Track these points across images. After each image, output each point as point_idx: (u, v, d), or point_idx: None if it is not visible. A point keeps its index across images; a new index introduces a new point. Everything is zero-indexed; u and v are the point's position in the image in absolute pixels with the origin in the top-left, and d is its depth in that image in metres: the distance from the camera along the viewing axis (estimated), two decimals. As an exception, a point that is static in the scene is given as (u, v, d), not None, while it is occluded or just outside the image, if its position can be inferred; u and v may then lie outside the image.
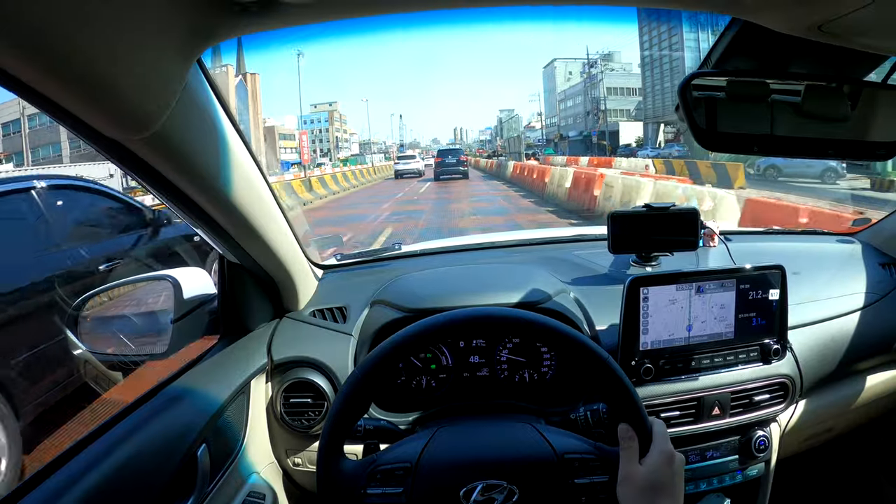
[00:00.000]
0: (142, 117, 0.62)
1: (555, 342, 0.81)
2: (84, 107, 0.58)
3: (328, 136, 78.34)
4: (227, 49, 46.40)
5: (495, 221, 10.45)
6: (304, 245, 1.24)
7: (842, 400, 1.34)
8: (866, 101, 0.80)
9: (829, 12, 0.61)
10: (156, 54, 0.59)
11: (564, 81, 64.06)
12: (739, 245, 1.47)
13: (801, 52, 0.79)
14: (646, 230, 1.34)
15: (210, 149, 0.80)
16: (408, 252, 1.61)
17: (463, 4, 0.63)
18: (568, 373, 1.21)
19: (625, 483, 0.74)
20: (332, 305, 1.31)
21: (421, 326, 0.81)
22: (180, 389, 1.01)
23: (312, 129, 76.10)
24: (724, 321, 1.14)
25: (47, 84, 0.53)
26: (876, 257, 1.49)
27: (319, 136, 78.02)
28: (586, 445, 0.82)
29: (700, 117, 0.78)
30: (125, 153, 0.69)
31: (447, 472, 0.79)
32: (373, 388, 0.79)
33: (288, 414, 1.17)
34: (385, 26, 0.79)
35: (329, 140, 77.41)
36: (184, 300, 1.15)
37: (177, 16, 0.57)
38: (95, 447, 0.83)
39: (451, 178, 23.18)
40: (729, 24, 0.79)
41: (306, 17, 0.63)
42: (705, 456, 1.19)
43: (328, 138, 78.13)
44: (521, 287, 1.26)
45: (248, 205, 0.93)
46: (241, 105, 45.24)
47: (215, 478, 0.99)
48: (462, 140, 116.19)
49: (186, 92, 0.67)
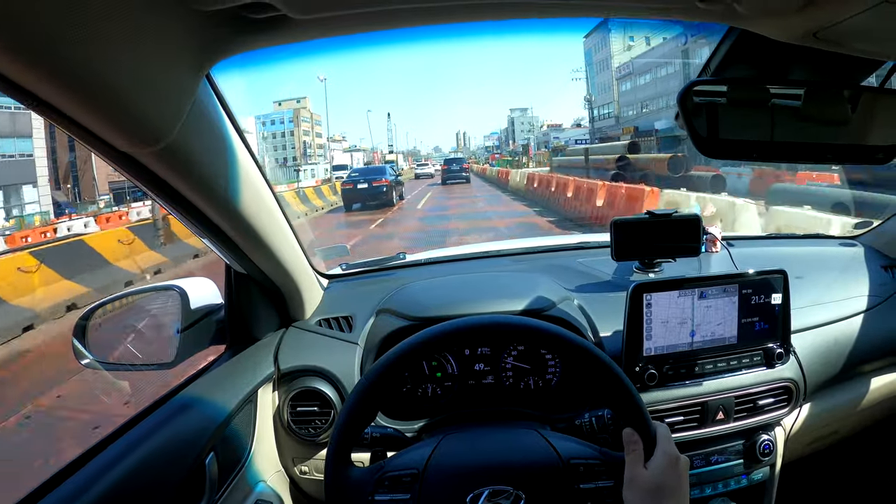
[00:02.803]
0: (153, 130, 0.64)
1: (559, 348, 0.81)
2: (97, 120, 0.59)
3: (296, 140, 55.30)
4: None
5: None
6: (309, 255, 1.26)
7: (846, 403, 1.34)
8: (865, 106, 0.81)
9: (824, 20, 0.63)
10: (168, 69, 0.61)
11: (623, 51, 40.12)
12: (741, 250, 1.48)
13: (799, 58, 0.80)
14: (648, 237, 1.35)
15: (219, 160, 0.82)
16: (412, 261, 1.62)
17: (466, 19, 0.65)
18: (572, 379, 1.21)
19: (630, 487, 0.74)
20: (338, 314, 1.32)
21: (427, 335, 0.82)
22: (189, 398, 1.02)
23: (273, 131, 55.44)
24: (727, 326, 1.15)
25: (62, 99, 0.55)
26: (878, 260, 1.50)
27: (283, 142, 55.31)
28: (591, 451, 0.83)
29: (701, 125, 0.79)
30: (136, 165, 0.70)
31: (454, 478, 0.80)
32: (380, 396, 0.80)
33: (295, 422, 1.18)
34: (388, 40, 0.80)
35: (296, 145, 55.02)
36: (191, 310, 1.16)
37: (189, 31, 0.59)
38: (106, 455, 0.84)
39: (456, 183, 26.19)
40: (727, 32, 0.81)
41: (315, 32, 0.65)
42: (710, 460, 1.19)
43: (296, 143, 55.14)
44: (526, 295, 1.26)
45: (255, 215, 0.95)
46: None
47: (223, 486, 1.00)
48: (465, 146, 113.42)
49: (196, 105, 0.69)
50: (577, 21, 0.71)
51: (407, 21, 0.66)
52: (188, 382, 1.08)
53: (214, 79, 0.76)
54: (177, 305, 1.18)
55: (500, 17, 0.66)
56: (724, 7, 0.62)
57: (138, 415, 0.96)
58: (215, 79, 0.76)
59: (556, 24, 0.70)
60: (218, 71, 0.73)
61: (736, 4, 0.61)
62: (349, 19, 0.64)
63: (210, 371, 1.13)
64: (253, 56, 0.69)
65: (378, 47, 1.13)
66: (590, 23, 3.93)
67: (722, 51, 0.82)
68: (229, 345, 1.22)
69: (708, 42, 19.25)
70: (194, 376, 1.12)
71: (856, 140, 0.84)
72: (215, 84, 0.77)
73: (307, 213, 15.99)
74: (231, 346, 1.21)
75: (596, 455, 0.82)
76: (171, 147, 0.67)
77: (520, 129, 75.28)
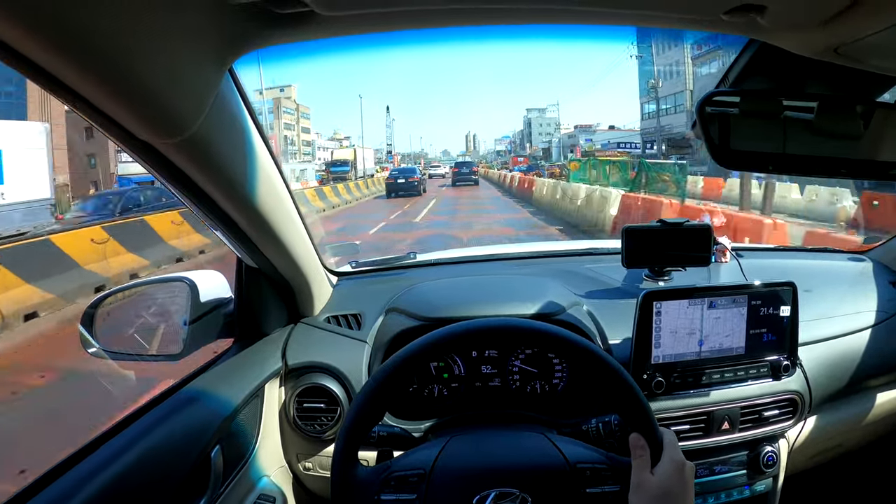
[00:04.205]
0: (176, 122, 0.65)
1: (568, 352, 0.82)
2: (120, 109, 0.60)
3: (276, 132, 47.07)
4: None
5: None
6: (320, 252, 1.26)
7: (851, 417, 1.34)
8: (879, 122, 0.82)
9: (846, 36, 0.63)
10: (195, 61, 0.61)
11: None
12: (751, 261, 1.48)
13: (816, 72, 0.80)
14: (659, 245, 1.35)
15: (238, 155, 0.82)
16: (422, 261, 1.62)
17: (491, 22, 0.65)
18: (579, 384, 1.21)
19: (637, 492, 0.74)
20: (347, 312, 1.32)
21: (438, 336, 0.82)
22: (196, 391, 1.02)
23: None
24: (735, 337, 1.15)
25: (86, 85, 0.55)
26: (887, 275, 1.50)
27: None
28: (598, 455, 0.83)
29: (716, 135, 0.80)
30: (155, 155, 0.71)
31: (460, 479, 0.80)
32: (388, 396, 0.80)
33: (301, 418, 1.18)
34: (403, 40, 0.81)
35: (276, 141, 42.68)
36: (200, 302, 1.16)
37: (217, 24, 0.59)
38: (113, 444, 0.84)
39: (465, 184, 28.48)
40: (746, 44, 0.81)
41: (340, 29, 0.65)
42: (713, 470, 1.19)
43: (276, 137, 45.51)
44: (536, 299, 1.27)
45: (270, 210, 0.95)
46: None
47: (227, 479, 1.00)
48: (475, 150, 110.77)
49: (219, 99, 0.70)
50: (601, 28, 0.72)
51: (432, 22, 0.66)
52: (195, 375, 1.09)
53: (236, 73, 0.76)
54: (186, 297, 1.18)
55: (524, 22, 0.66)
56: (748, 20, 0.63)
57: (145, 406, 0.96)
58: (237, 73, 0.77)
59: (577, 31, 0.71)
60: (239, 65, 0.73)
61: (759, 18, 0.62)
62: (375, 18, 0.64)
63: (217, 364, 1.14)
64: (267, 50, 0.69)
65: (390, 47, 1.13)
66: (614, 30, 3.71)
67: (741, 62, 0.83)
68: (237, 338, 1.22)
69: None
70: (202, 369, 1.12)
71: (869, 155, 0.84)
72: (237, 78, 0.77)
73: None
74: (239, 339, 1.22)
75: (603, 460, 0.82)
76: (192, 139, 0.68)
77: (538, 132, 69.16)
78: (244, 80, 0.78)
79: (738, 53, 0.84)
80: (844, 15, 0.59)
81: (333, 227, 13.00)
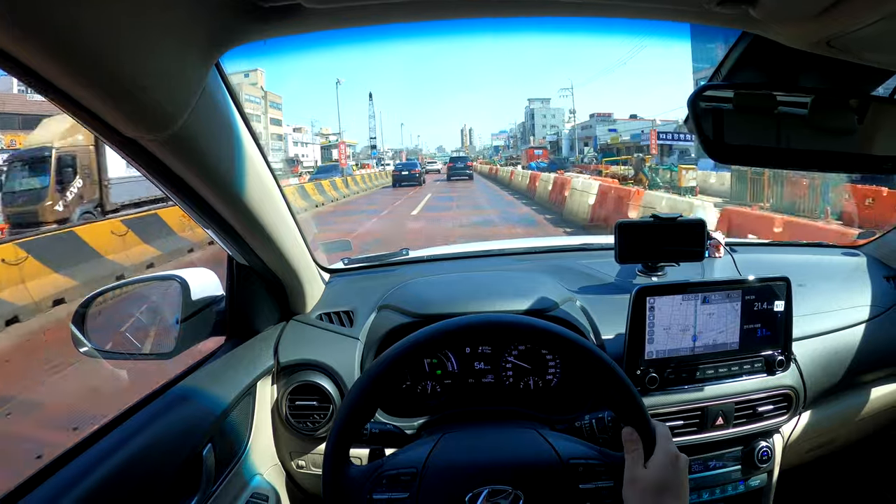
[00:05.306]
0: (161, 117, 0.63)
1: (561, 348, 0.81)
2: (104, 105, 0.59)
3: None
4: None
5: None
6: (312, 249, 1.25)
7: (845, 412, 1.34)
8: (873, 116, 0.81)
9: (838, 28, 0.62)
10: (178, 56, 0.60)
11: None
12: (745, 256, 1.47)
13: (809, 65, 0.80)
14: (653, 240, 1.35)
15: (226, 151, 0.81)
16: (415, 258, 1.61)
17: (483, 14, 0.64)
18: (572, 380, 1.21)
19: (630, 485, 0.74)
20: (339, 309, 1.31)
21: (430, 332, 0.81)
22: (187, 389, 1.01)
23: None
24: (729, 332, 1.15)
25: (69, 81, 0.54)
26: (881, 270, 1.50)
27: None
28: (591, 451, 0.83)
29: (709, 129, 0.79)
30: (141, 152, 0.70)
31: (453, 477, 0.79)
32: (381, 393, 0.79)
33: (293, 416, 1.18)
34: (394, 33, 0.80)
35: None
36: (191, 300, 1.15)
37: (201, 18, 0.58)
38: (103, 443, 0.83)
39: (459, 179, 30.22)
40: (739, 37, 0.80)
41: (328, 23, 0.64)
42: (708, 466, 1.19)
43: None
44: (529, 295, 1.26)
45: (260, 207, 0.94)
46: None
47: (219, 478, 1.00)
48: (471, 145, 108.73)
49: (205, 94, 0.68)
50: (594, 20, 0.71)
51: (422, 14, 0.65)
52: (187, 373, 1.08)
53: (223, 68, 0.75)
54: (177, 295, 1.17)
55: (516, 14, 0.65)
56: (740, 12, 0.62)
57: (136, 404, 0.95)
58: (224, 68, 0.76)
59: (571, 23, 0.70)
60: (226, 60, 0.72)
61: (751, 9, 0.61)
62: (363, 11, 0.63)
63: (209, 362, 1.13)
64: (256, 46, 0.68)
65: (382, 41, 1.11)
66: (606, 22, 3.62)
67: (734, 55, 0.82)
68: (229, 336, 1.21)
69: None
70: (193, 367, 1.11)
71: (864, 149, 0.84)
72: (224, 73, 0.76)
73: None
74: (231, 337, 1.21)
75: (596, 455, 0.81)
76: (178, 135, 0.67)
77: (541, 124, 65.22)
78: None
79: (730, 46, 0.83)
80: (837, 6, 0.58)
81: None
